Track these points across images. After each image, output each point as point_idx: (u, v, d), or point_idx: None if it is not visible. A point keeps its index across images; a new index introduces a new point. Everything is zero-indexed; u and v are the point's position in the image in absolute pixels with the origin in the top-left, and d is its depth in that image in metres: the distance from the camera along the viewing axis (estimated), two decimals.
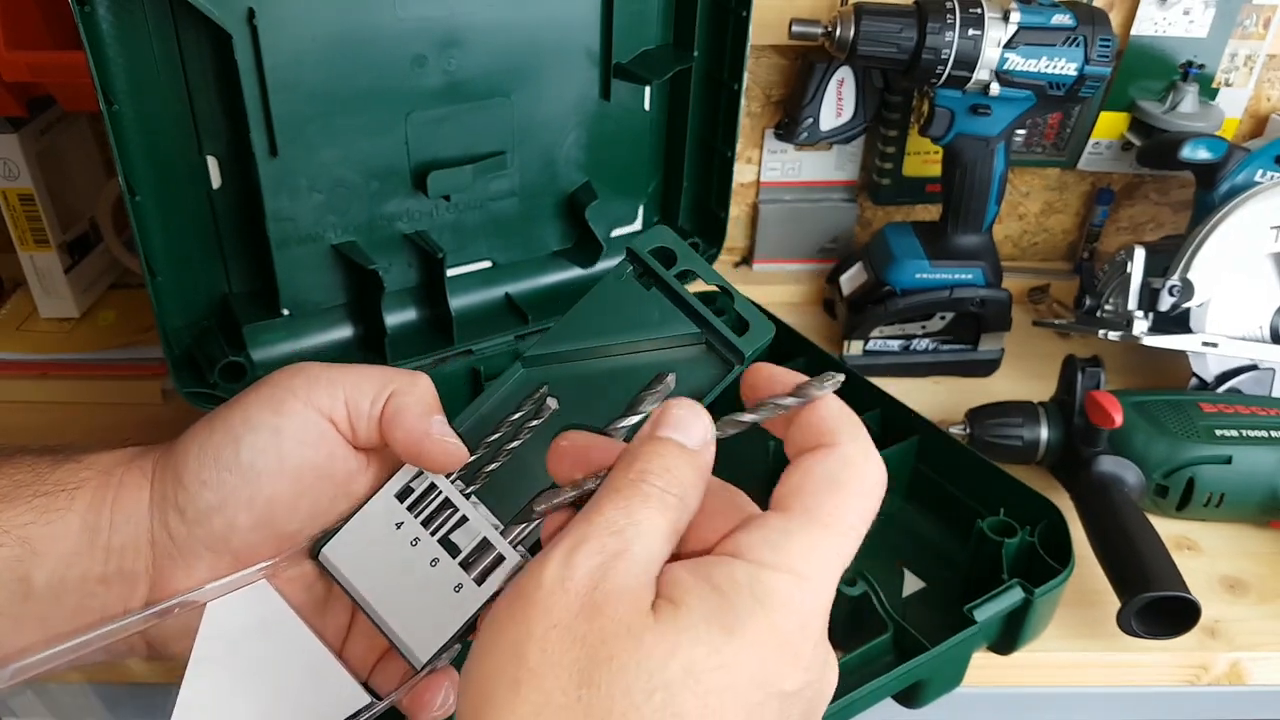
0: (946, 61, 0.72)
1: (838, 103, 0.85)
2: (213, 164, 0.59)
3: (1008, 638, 0.56)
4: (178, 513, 0.37)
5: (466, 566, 0.37)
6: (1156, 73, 0.85)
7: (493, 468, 0.38)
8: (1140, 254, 0.74)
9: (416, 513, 0.38)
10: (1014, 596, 0.54)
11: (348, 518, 0.39)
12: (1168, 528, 0.64)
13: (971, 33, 0.71)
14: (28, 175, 0.76)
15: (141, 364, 0.77)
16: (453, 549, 0.37)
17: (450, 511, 0.38)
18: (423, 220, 0.67)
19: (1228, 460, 0.65)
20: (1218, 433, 0.66)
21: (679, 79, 0.71)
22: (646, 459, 0.29)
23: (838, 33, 0.74)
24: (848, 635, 0.55)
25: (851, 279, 0.86)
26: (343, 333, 0.67)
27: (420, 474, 0.38)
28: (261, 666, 0.38)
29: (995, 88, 0.73)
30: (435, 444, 0.37)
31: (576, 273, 0.74)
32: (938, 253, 0.81)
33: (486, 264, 0.71)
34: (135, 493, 0.37)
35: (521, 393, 0.40)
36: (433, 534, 0.38)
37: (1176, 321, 0.74)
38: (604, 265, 0.75)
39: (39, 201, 0.77)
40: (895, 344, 0.83)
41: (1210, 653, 0.60)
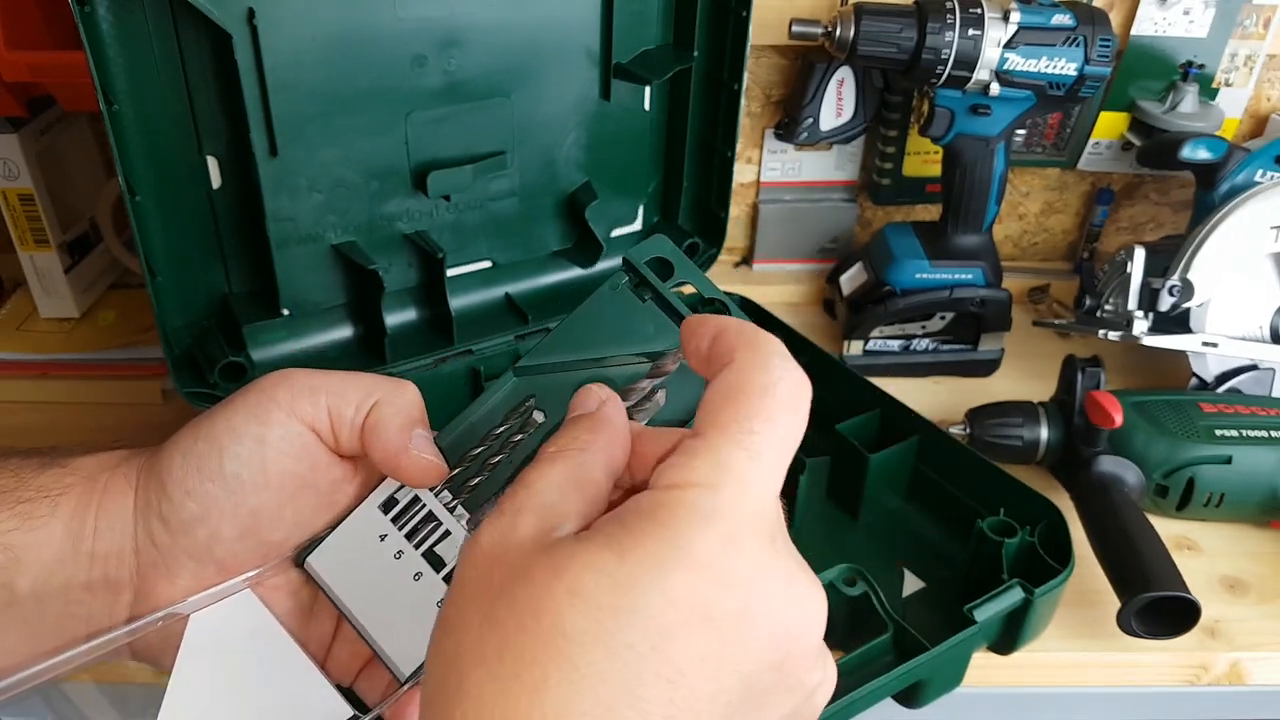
0: (946, 61, 0.72)
1: (838, 103, 0.85)
2: (213, 164, 0.59)
3: (1008, 638, 0.56)
4: (161, 521, 0.36)
5: (450, 580, 0.37)
6: (1156, 73, 0.85)
7: (477, 481, 0.38)
8: (1140, 254, 0.74)
9: (400, 525, 0.38)
10: (1014, 596, 0.54)
11: (333, 527, 0.39)
12: (1168, 528, 0.64)
13: (971, 33, 0.71)
14: (28, 175, 0.76)
15: (141, 364, 0.77)
16: (436, 562, 0.37)
17: (434, 525, 0.38)
18: (423, 220, 0.67)
19: (1228, 460, 0.65)
20: (1218, 433, 0.66)
21: (679, 79, 0.71)
22: (550, 443, 0.31)
23: (838, 33, 0.74)
24: (848, 635, 0.55)
25: (851, 279, 0.86)
26: (343, 333, 0.67)
27: (404, 485, 0.38)
28: (245, 678, 0.38)
29: (995, 88, 0.73)
30: (411, 459, 0.37)
31: (576, 273, 0.74)
32: (938, 253, 0.81)
33: (486, 264, 0.71)
34: (120, 499, 0.37)
35: (511, 403, 0.39)
36: (416, 547, 0.38)
37: (1176, 321, 0.74)
38: (604, 265, 0.75)
39: (39, 201, 0.77)
40: (895, 344, 0.83)
41: (1210, 653, 0.60)
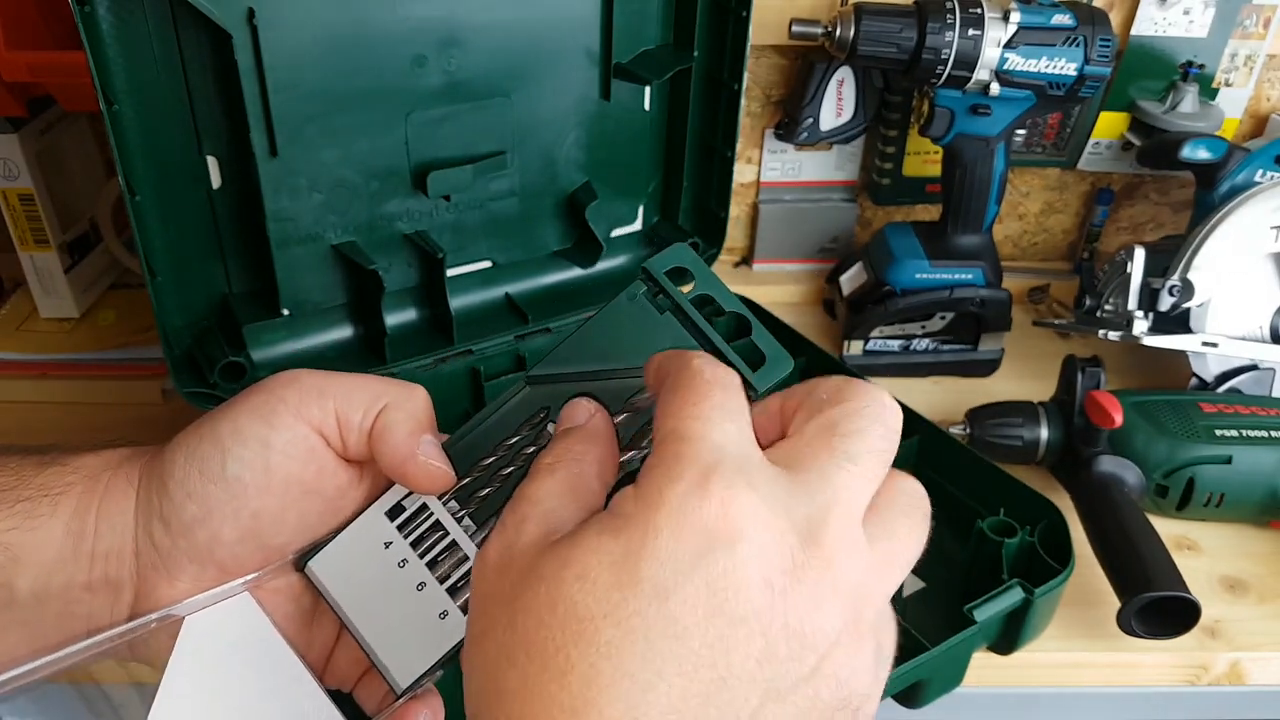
0: (946, 61, 0.72)
1: (838, 103, 0.85)
2: (213, 164, 0.59)
3: (1008, 638, 0.56)
4: (162, 523, 0.36)
5: (453, 593, 0.36)
6: (1156, 73, 0.85)
7: (486, 492, 0.37)
8: (1140, 254, 0.74)
9: (406, 533, 0.38)
10: (1014, 596, 0.54)
11: (337, 532, 0.38)
12: (1168, 528, 0.64)
13: (971, 33, 0.71)
14: (28, 175, 0.76)
15: (141, 364, 0.77)
16: (441, 573, 0.37)
17: (440, 534, 0.37)
18: (423, 220, 0.67)
19: (1228, 460, 0.65)
20: (1218, 433, 0.66)
21: (679, 79, 0.71)
22: (544, 453, 0.32)
23: (838, 33, 0.74)
24: None
25: (851, 279, 0.86)
26: (343, 333, 0.67)
27: (412, 493, 0.38)
28: (237, 684, 0.38)
29: (995, 88, 0.73)
30: (419, 466, 0.36)
31: (577, 273, 0.74)
32: (938, 253, 0.81)
33: (486, 264, 0.71)
34: (121, 500, 0.37)
35: (523, 412, 0.39)
36: (421, 556, 0.37)
37: (1176, 321, 0.74)
38: (604, 265, 0.75)
39: (39, 201, 0.77)
40: (895, 344, 0.83)
41: (1210, 653, 0.60)
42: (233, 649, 0.38)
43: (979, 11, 0.71)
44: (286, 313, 0.64)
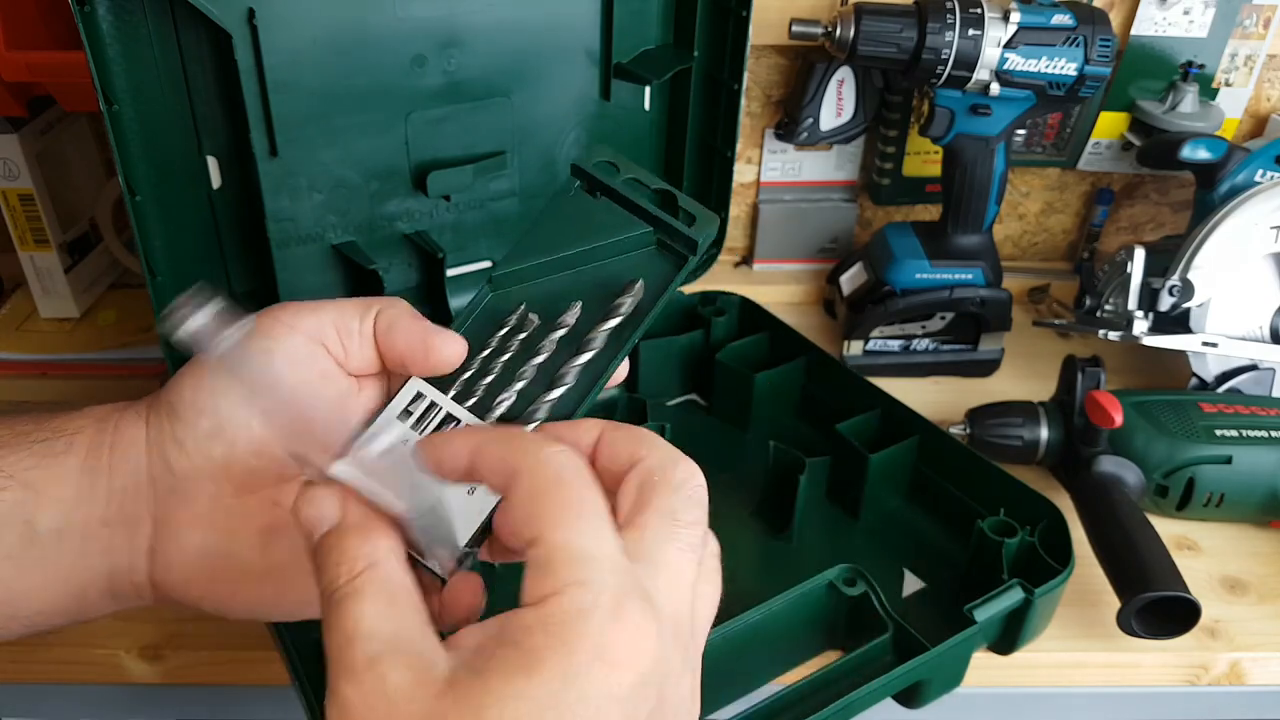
0: (946, 61, 0.72)
1: (838, 103, 0.85)
2: (213, 164, 0.59)
3: (1008, 638, 0.56)
4: (176, 444, 0.37)
5: None
6: (1156, 73, 0.85)
7: (488, 380, 0.40)
8: (1140, 254, 0.74)
9: (422, 430, 0.39)
10: (1014, 596, 0.54)
11: (357, 435, 0.39)
12: (1168, 528, 0.64)
13: (971, 33, 0.71)
14: (28, 175, 0.76)
15: (141, 364, 0.78)
16: None
17: (454, 424, 0.39)
18: (423, 220, 0.67)
19: (1228, 460, 0.65)
20: (1218, 433, 0.66)
21: (679, 79, 0.71)
22: (321, 574, 0.30)
23: (838, 33, 0.74)
24: (848, 635, 0.55)
25: (851, 279, 0.86)
26: None
27: (417, 396, 0.39)
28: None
29: (995, 88, 0.73)
30: (443, 335, 0.38)
31: None
32: (938, 253, 0.81)
33: (486, 264, 0.71)
34: (132, 432, 0.38)
35: (497, 313, 0.42)
36: None
37: (1176, 321, 0.74)
38: None
39: (39, 201, 0.77)
40: (895, 344, 0.83)
41: (1210, 653, 0.60)
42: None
43: (979, 11, 0.71)
44: None
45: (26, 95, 0.72)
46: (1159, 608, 0.56)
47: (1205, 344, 0.73)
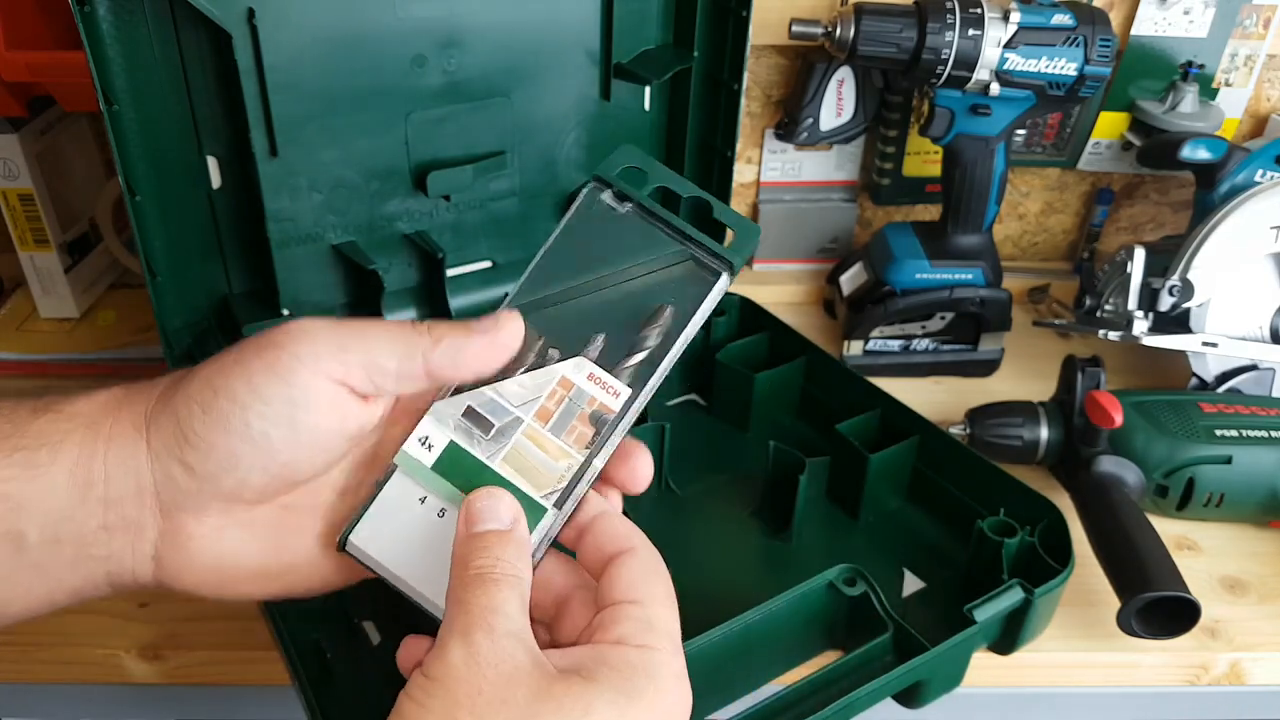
0: (946, 61, 0.72)
1: (838, 103, 0.85)
2: (213, 164, 0.59)
3: (1008, 638, 0.56)
4: (185, 468, 0.36)
5: None
6: (1156, 73, 0.85)
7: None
8: (1140, 254, 0.74)
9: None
10: (1014, 596, 0.54)
11: (367, 503, 0.38)
12: (1168, 528, 0.64)
13: (971, 33, 0.71)
14: (28, 175, 0.76)
15: (141, 364, 0.77)
16: None
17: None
18: (423, 220, 0.67)
19: (1228, 460, 0.65)
20: (1218, 433, 0.66)
21: (679, 79, 0.71)
22: (477, 555, 0.35)
23: (838, 33, 0.74)
24: (848, 635, 0.55)
25: (851, 279, 0.86)
26: None
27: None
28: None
29: (995, 88, 0.73)
30: (503, 315, 0.38)
31: None
32: (938, 253, 0.81)
33: (486, 264, 0.71)
34: (129, 445, 0.36)
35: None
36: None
37: (1176, 321, 0.74)
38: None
39: (39, 201, 0.77)
40: (895, 344, 0.83)
41: (1210, 653, 0.60)
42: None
43: (979, 11, 0.71)
44: (286, 313, 0.64)
45: (26, 95, 0.72)
46: (1159, 608, 0.56)
47: (1205, 344, 0.73)
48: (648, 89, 0.71)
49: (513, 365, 0.38)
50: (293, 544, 0.39)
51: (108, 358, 0.78)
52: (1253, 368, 0.74)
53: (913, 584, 0.61)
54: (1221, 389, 0.74)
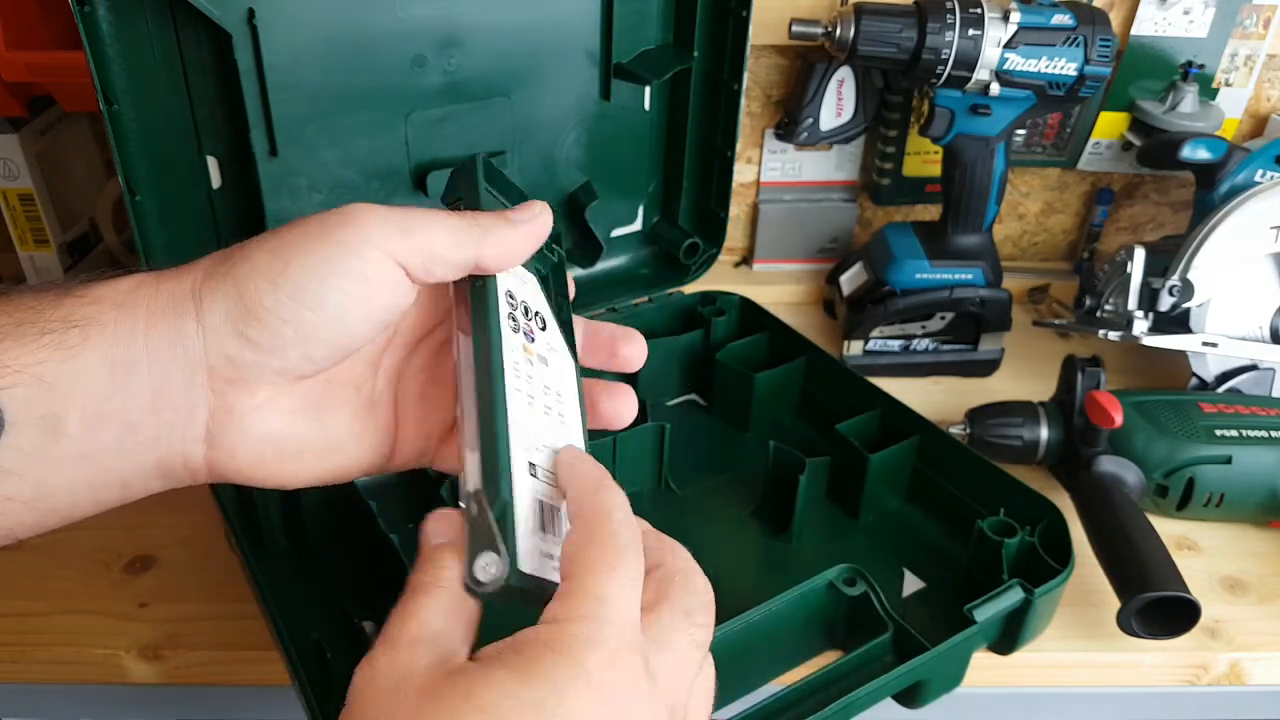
0: (946, 61, 0.72)
1: (838, 103, 0.85)
2: (213, 164, 0.59)
3: (1008, 638, 0.56)
4: (245, 342, 0.36)
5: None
6: (1156, 73, 0.85)
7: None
8: (1140, 254, 0.74)
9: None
10: (1014, 596, 0.54)
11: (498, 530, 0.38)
12: (1168, 528, 0.64)
13: (971, 33, 0.71)
14: (28, 175, 0.76)
15: None
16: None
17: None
18: None
19: (1228, 460, 0.65)
20: (1218, 433, 0.66)
21: (679, 79, 0.71)
22: (419, 569, 0.34)
23: (838, 33, 0.74)
24: (848, 635, 0.55)
25: (851, 279, 0.86)
26: None
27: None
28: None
29: (995, 88, 0.73)
30: (533, 209, 0.41)
31: (577, 272, 0.74)
32: (938, 253, 0.81)
33: None
34: (173, 322, 0.36)
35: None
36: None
37: (1176, 321, 0.74)
38: (605, 265, 0.75)
39: (39, 201, 0.77)
40: (895, 344, 0.83)
41: (1210, 653, 0.60)
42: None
43: (979, 11, 0.71)
44: None
45: (26, 95, 0.72)
46: (1159, 608, 0.56)
47: (1205, 344, 0.73)
48: (648, 89, 0.71)
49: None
50: (335, 418, 0.40)
51: None
52: (1253, 368, 0.74)
53: (913, 584, 0.61)
54: (1221, 389, 0.74)
